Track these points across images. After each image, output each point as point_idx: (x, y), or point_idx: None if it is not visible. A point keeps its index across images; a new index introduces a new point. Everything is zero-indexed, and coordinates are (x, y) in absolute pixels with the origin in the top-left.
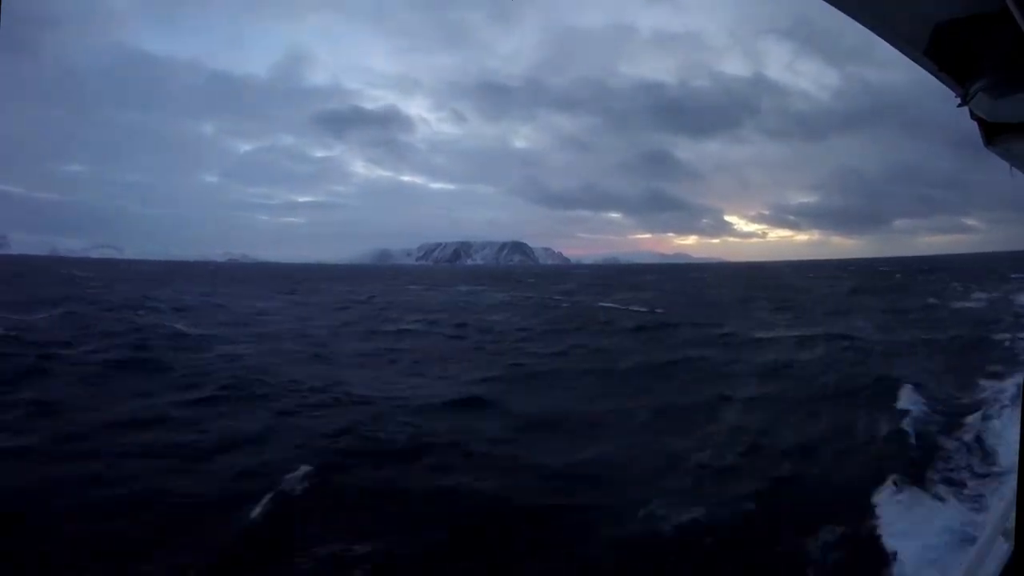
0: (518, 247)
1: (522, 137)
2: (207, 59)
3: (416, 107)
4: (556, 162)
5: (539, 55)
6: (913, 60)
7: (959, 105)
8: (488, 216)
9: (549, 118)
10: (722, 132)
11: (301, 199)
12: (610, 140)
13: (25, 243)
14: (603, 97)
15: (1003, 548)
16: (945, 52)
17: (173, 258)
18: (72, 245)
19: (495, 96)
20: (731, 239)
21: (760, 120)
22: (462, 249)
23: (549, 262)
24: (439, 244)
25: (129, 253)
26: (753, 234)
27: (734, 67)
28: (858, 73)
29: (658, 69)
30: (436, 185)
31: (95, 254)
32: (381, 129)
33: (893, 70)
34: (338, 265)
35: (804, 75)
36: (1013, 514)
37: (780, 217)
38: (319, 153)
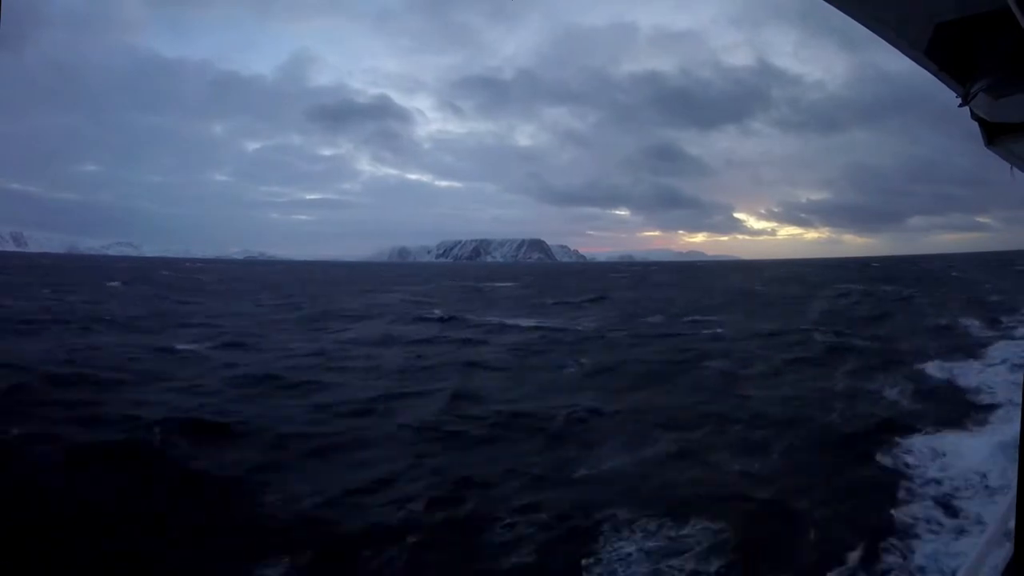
0: (536, 245)
1: (527, 135)
2: (216, 61)
3: (420, 106)
4: (562, 160)
5: (541, 53)
6: (914, 60)
7: (960, 105)
8: (496, 214)
9: (553, 116)
10: (731, 125)
11: (310, 197)
12: (616, 136)
13: (44, 241)
14: (608, 92)
15: (1004, 549)
16: (946, 52)
17: (191, 255)
18: (91, 243)
19: (498, 95)
20: (741, 236)
21: (770, 113)
22: (481, 247)
23: (566, 259)
24: (458, 242)
25: (146, 250)
26: (763, 231)
27: (740, 57)
28: (871, 61)
29: (662, 62)
30: (443, 183)
31: (113, 252)
32: (386, 128)
33: (906, 59)
34: (361, 263)
35: (813, 63)
36: (1014, 515)
37: (791, 214)
38: (326, 152)
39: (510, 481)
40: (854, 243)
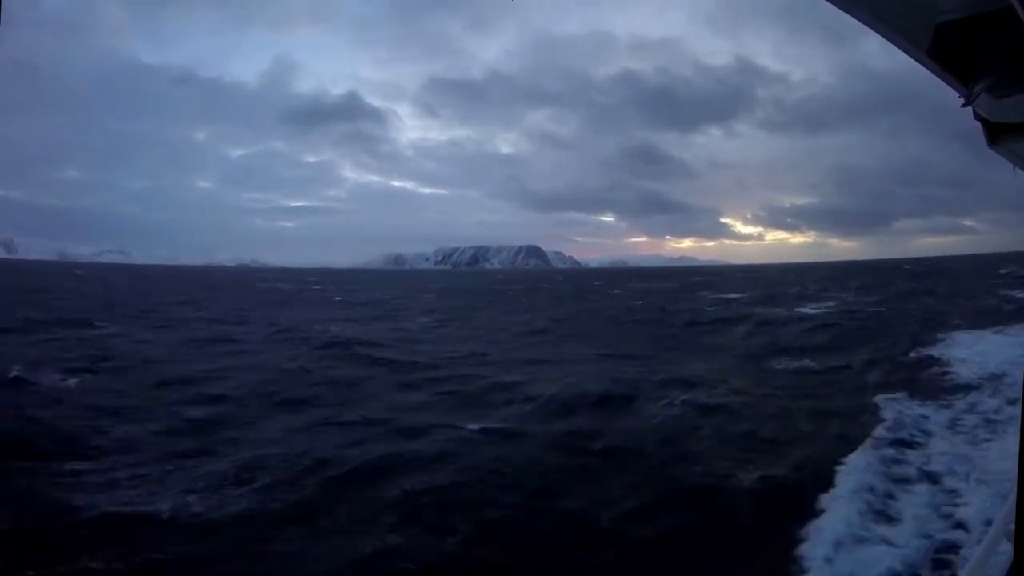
0: (533, 251)
1: (509, 142)
2: (198, 68)
3: (401, 113)
4: (546, 166)
5: (521, 61)
6: (916, 60)
7: (963, 105)
8: (482, 220)
9: (535, 122)
10: (714, 128)
11: (294, 203)
12: (599, 141)
13: (33, 248)
14: (590, 97)
15: (1005, 551)
16: (948, 52)
17: (182, 263)
18: (80, 250)
19: (479, 102)
20: (727, 241)
21: (755, 114)
22: (480, 253)
23: (561, 266)
24: (456, 248)
25: (137, 258)
26: (750, 236)
27: (722, 57)
28: (858, 60)
29: (642, 65)
30: (427, 189)
31: (104, 259)
32: (368, 135)
33: (895, 58)
34: (360, 270)
35: (797, 62)
36: (1014, 517)
37: (777, 219)
38: (309, 158)
39: None
40: (840, 247)
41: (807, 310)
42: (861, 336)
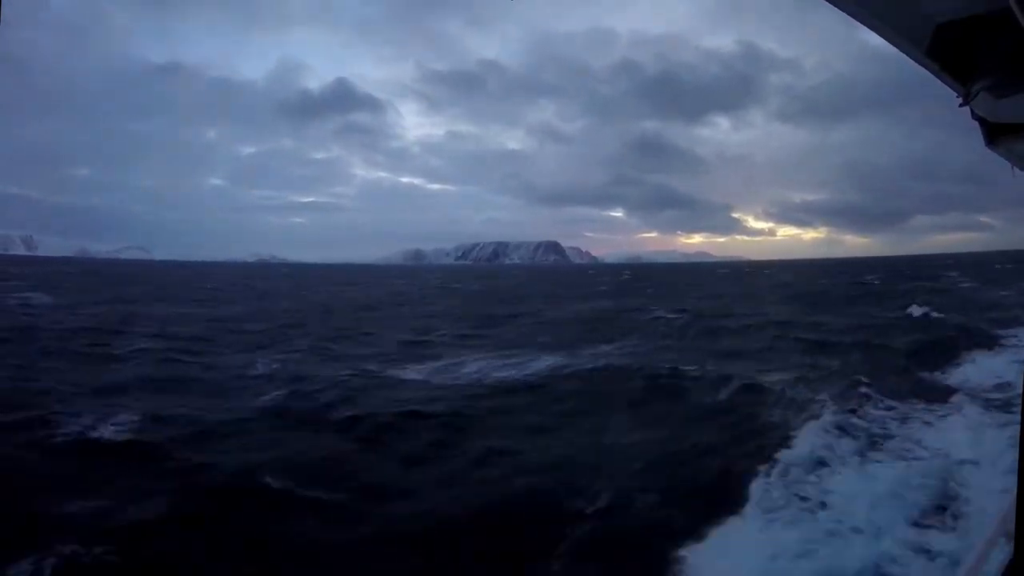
0: (552, 247)
1: (516, 139)
2: (205, 68)
3: (407, 110)
4: (554, 162)
5: (525, 58)
6: (915, 60)
7: (961, 105)
8: (491, 216)
9: (542, 119)
10: (724, 121)
11: (304, 200)
12: (607, 137)
13: (52, 246)
14: (594, 88)
15: (1004, 549)
16: (947, 52)
17: (203, 259)
18: (100, 247)
19: (485, 99)
20: (739, 237)
21: (767, 106)
22: (499, 249)
23: (579, 261)
24: (476, 244)
25: (158, 254)
26: (762, 232)
27: (730, 50)
28: (871, 49)
29: (645, 57)
30: (435, 186)
31: (125, 255)
32: (375, 132)
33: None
34: (386, 266)
35: (808, 52)
36: (1014, 516)
37: (789, 214)
38: (318, 155)
39: None
40: (855, 243)
41: None
42: None
